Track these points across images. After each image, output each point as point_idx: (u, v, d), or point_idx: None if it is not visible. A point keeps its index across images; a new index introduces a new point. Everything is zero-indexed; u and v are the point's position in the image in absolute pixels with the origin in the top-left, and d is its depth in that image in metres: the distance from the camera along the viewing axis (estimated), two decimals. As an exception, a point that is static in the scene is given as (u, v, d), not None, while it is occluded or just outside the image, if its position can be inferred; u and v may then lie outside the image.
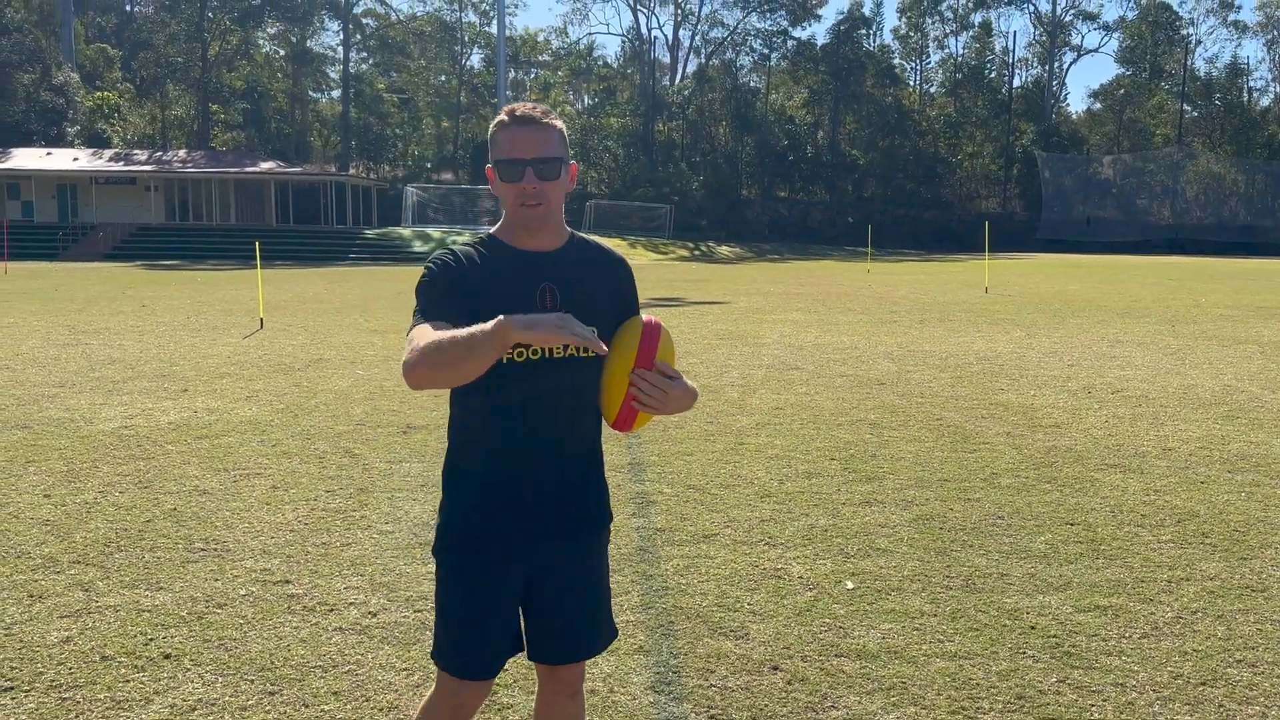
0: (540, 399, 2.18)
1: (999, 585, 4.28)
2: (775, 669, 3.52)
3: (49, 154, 52.39)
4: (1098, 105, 75.84)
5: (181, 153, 56.03)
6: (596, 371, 2.21)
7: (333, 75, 72.07)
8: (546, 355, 2.15)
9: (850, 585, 4.28)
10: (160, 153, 55.54)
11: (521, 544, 2.24)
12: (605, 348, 1.98)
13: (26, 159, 50.87)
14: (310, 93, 72.42)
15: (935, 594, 4.19)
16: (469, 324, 1.95)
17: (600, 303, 2.24)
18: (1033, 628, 3.85)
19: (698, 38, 70.56)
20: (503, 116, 2.19)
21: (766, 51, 69.05)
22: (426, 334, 1.98)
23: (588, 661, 2.46)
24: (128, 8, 75.14)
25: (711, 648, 3.69)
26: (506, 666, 2.42)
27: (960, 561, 4.57)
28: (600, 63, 76.32)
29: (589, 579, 2.34)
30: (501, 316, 1.87)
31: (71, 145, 56.73)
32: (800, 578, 4.38)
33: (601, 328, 2.19)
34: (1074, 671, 3.49)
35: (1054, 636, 3.77)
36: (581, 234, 2.33)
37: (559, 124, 2.21)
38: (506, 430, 2.20)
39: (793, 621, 3.91)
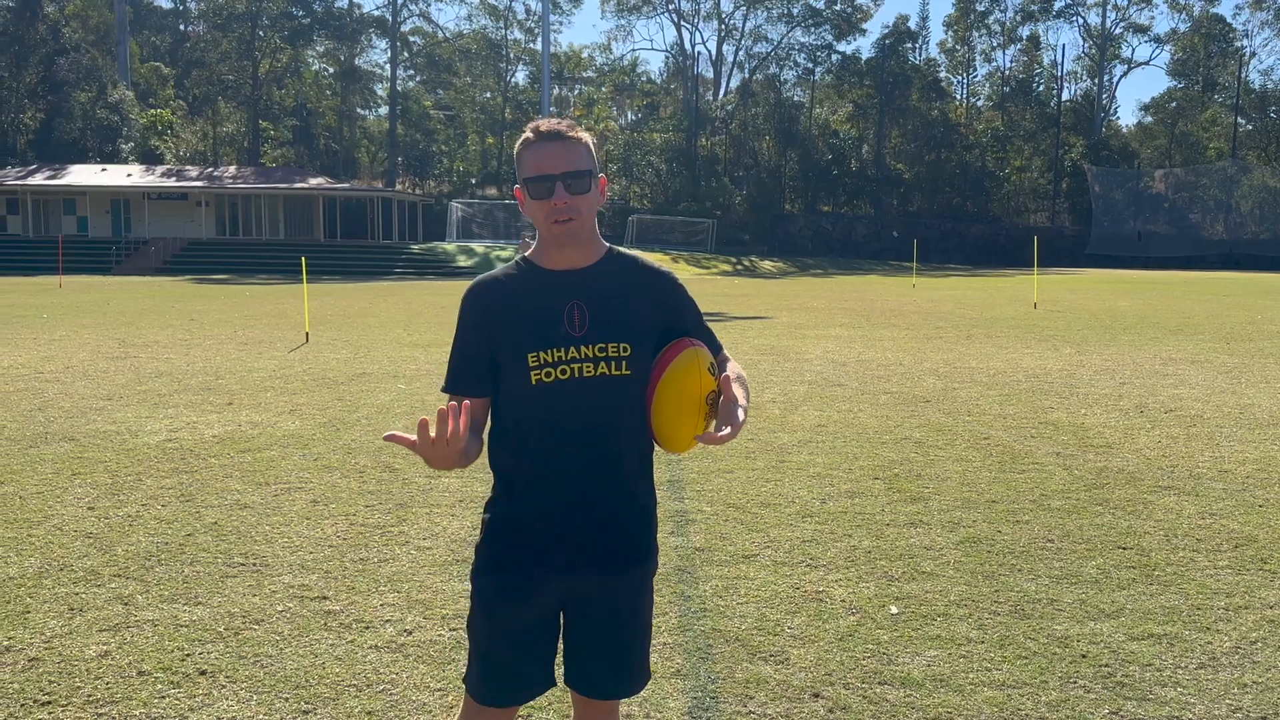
0: (573, 421, 2.12)
1: (1049, 611, 4.16)
2: (816, 696, 3.43)
3: (104, 170, 53.57)
4: (1149, 118, 74.68)
5: (232, 169, 57.03)
6: (636, 392, 2.15)
7: (380, 92, 73.11)
8: (576, 375, 2.11)
9: (894, 610, 4.18)
10: (211, 169, 56.57)
11: (553, 573, 2.17)
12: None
13: (82, 175, 52.05)
14: (358, 110, 73.43)
15: (983, 620, 4.07)
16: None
17: (636, 318, 2.17)
18: (1084, 656, 3.72)
19: (741, 53, 70.59)
20: (528, 134, 2.15)
21: (811, 66, 68.90)
22: None
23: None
24: (181, 27, 76.77)
25: (750, 673, 3.61)
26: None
27: (1009, 586, 4.45)
28: (644, 78, 76.65)
29: (625, 617, 2.24)
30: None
31: (126, 162, 57.97)
32: (843, 601, 4.28)
33: (637, 344, 2.15)
34: (1127, 703, 3.37)
35: (1106, 666, 3.64)
36: (622, 249, 2.28)
37: (586, 136, 2.16)
38: (538, 453, 2.15)
39: (834, 647, 3.82)
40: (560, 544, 2.16)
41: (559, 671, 2.31)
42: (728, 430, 2.05)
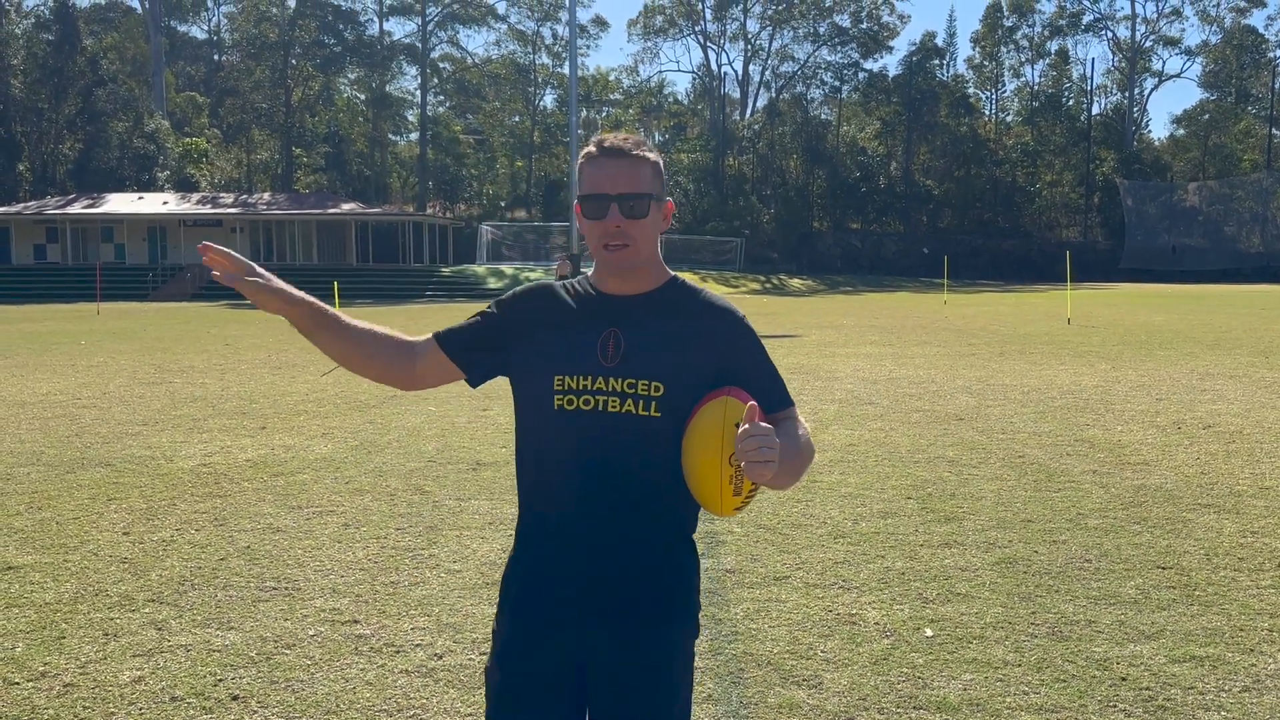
0: (593, 455, 1.93)
1: (1087, 633, 4.08)
2: (850, 720, 3.39)
3: (140, 198, 54.43)
4: (1181, 131, 74.00)
5: (266, 195, 57.74)
6: (669, 437, 1.92)
7: (411, 118, 73.82)
8: (601, 408, 1.92)
9: (929, 632, 4.12)
10: (246, 195, 57.30)
11: (569, 621, 1.97)
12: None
13: (120, 203, 52.91)
14: (389, 135, 74.20)
15: (1019, 642, 4.01)
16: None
17: (677, 357, 1.95)
18: (1124, 679, 3.65)
19: (768, 72, 70.71)
20: (590, 148, 1.98)
21: (838, 84, 68.88)
22: None
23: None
24: (216, 57, 78.06)
25: (783, 697, 3.57)
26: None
27: (1045, 608, 4.38)
28: (671, 99, 76.90)
29: (650, 684, 1.95)
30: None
31: (162, 190, 58.88)
32: (876, 624, 4.23)
33: (672, 386, 1.93)
34: (1170, 728, 3.29)
35: (1146, 689, 3.57)
36: (689, 279, 2.08)
37: (653, 156, 1.98)
38: (557, 486, 1.97)
39: (868, 670, 3.77)
40: (577, 591, 1.96)
41: None
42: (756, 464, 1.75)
